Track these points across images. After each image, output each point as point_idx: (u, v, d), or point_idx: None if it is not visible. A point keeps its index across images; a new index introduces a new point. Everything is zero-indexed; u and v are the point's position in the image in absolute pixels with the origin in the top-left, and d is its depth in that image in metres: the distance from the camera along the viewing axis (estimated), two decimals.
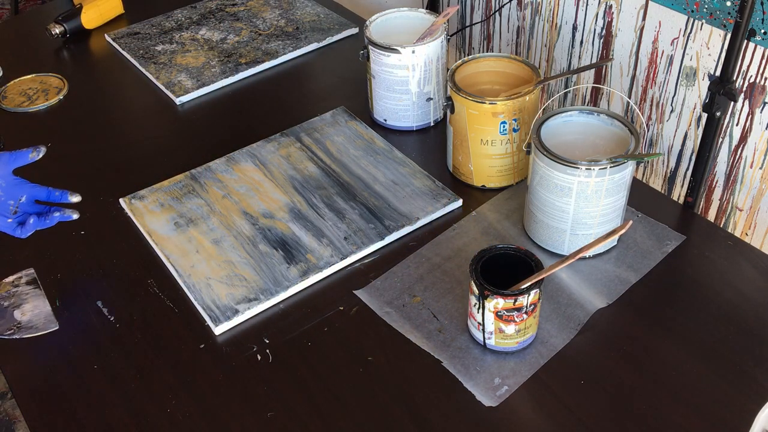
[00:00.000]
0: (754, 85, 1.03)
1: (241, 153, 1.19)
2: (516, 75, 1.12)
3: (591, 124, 1.01)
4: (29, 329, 0.86)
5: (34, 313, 0.87)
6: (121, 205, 1.12)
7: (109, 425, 0.84)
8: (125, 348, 0.92)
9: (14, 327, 0.85)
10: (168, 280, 1.00)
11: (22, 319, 0.86)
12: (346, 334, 0.92)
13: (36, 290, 0.89)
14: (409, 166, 1.15)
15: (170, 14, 1.58)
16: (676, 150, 1.19)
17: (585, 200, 0.94)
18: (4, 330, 0.84)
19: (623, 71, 1.22)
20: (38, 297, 0.88)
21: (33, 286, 0.89)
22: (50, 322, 0.87)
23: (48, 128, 1.31)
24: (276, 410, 0.85)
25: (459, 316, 0.94)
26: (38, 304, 0.88)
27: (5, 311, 0.86)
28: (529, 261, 0.86)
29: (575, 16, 1.25)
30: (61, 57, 1.50)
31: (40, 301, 0.88)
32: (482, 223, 1.07)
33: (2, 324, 0.85)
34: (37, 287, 0.89)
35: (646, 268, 0.98)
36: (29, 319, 0.87)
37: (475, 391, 0.85)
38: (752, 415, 0.74)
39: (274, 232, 1.05)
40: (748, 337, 0.89)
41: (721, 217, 1.17)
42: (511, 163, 1.10)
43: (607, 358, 0.88)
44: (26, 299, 0.88)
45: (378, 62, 1.18)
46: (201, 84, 1.37)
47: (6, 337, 0.84)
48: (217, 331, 0.93)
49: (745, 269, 0.98)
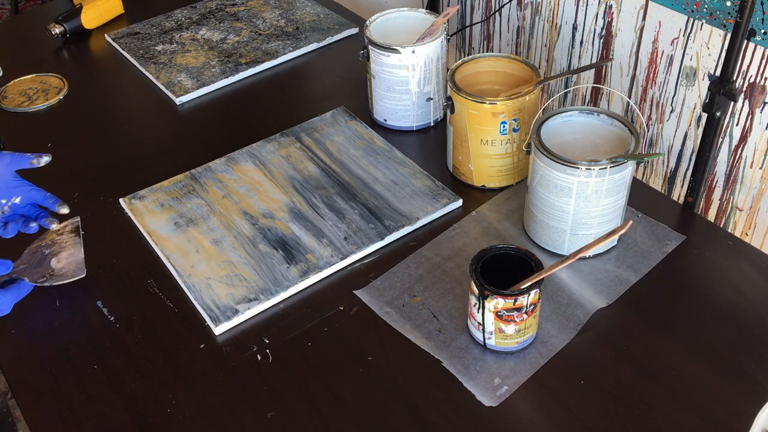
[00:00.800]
0: (754, 85, 1.03)
1: (241, 153, 1.19)
2: (516, 75, 1.12)
3: (591, 124, 1.01)
4: (60, 276, 0.86)
5: (68, 260, 0.87)
6: (121, 205, 1.12)
7: (109, 425, 0.84)
8: (125, 348, 0.92)
9: (47, 274, 0.85)
10: (168, 280, 1.00)
11: (56, 266, 0.87)
12: (346, 334, 0.92)
13: (76, 238, 0.89)
14: (409, 166, 1.15)
15: (170, 14, 1.58)
16: (676, 150, 1.19)
17: (585, 200, 0.94)
18: (38, 277, 0.85)
19: (623, 71, 1.22)
20: (76, 244, 0.89)
21: (74, 234, 0.90)
22: (80, 270, 0.87)
23: (48, 128, 1.31)
24: (276, 410, 0.85)
25: (459, 316, 0.94)
26: (73, 252, 0.88)
27: (44, 259, 0.87)
28: (529, 261, 0.86)
29: (575, 16, 1.25)
30: (61, 57, 1.50)
31: (76, 249, 0.88)
32: (482, 223, 1.07)
33: (38, 272, 0.85)
34: (77, 235, 0.89)
35: (646, 268, 0.98)
36: (62, 266, 0.87)
37: (475, 391, 0.85)
38: (752, 415, 0.74)
39: (274, 232, 1.05)
40: (748, 337, 0.89)
41: (721, 217, 1.17)
42: (511, 163, 1.10)
43: (607, 358, 0.88)
44: (65, 247, 0.89)
45: (378, 62, 1.18)
46: (201, 84, 1.37)
47: (39, 284, 0.84)
48: (217, 331, 0.93)
49: (745, 269, 0.98)
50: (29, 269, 0.85)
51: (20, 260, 0.86)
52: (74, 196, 1.15)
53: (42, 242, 0.88)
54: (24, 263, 0.86)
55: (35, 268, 0.86)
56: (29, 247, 0.88)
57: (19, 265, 0.85)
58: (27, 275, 0.84)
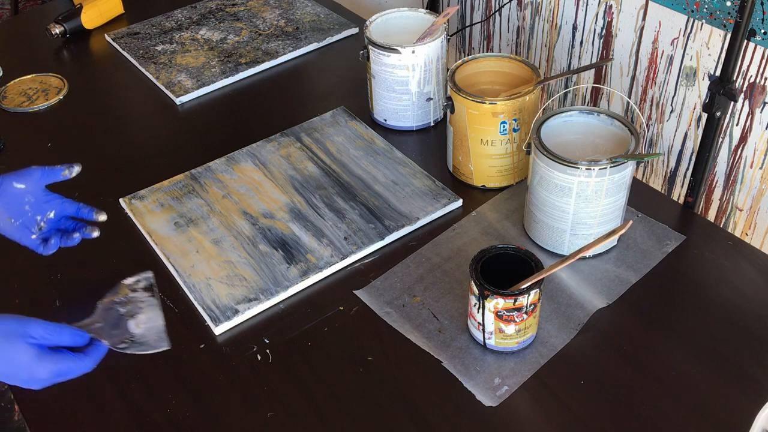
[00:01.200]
0: (754, 85, 1.03)
1: (241, 153, 1.19)
2: (516, 75, 1.12)
3: (591, 124, 1.01)
4: (141, 345, 0.79)
5: (148, 326, 0.80)
6: (121, 205, 1.12)
7: (109, 425, 0.84)
8: None
9: (128, 340, 0.78)
10: (168, 280, 1.00)
11: (136, 331, 0.79)
12: (346, 334, 0.92)
13: (152, 298, 0.82)
14: (409, 166, 1.15)
15: (170, 14, 1.58)
16: (676, 150, 1.19)
17: (585, 200, 0.94)
18: (118, 342, 0.77)
19: (623, 71, 1.22)
20: (153, 307, 0.81)
21: (149, 293, 0.82)
22: (161, 341, 0.79)
23: (48, 128, 1.31)
24: (276, 410, 0.85)
25: (459, 316, 0.94)
26: (152, 316, 0.80)
27: (121, 319, 0.79)
28: (529, 261, 0.86)
29: (575, 16, 1.25)
30: (61, 57, 1.50)
31: (154, 313, 0.81)
32: (482, 223, 1.07)
33: (116, 335, 0.78)
34: (152, 295, 0.82)
35: (646, 268, 0.98)
36: (143, 333, 0.79)
37: (475, 391, 0.85)
38: (752, 415, 0.74)
39: (274, 232, 1.05)
40: (748, 337, 0.89)
41: (721, 217, 1.17)
42: (511, 163, 1.10)
43: (607, 358, 0.88)
44: (142, 308, 0.81)
45: (378, 62, 1.18)
46: (201, 84, 1.37)
47: (118, 350, 0.77)
48: (217, 331, 0.93)
49: (745, 269, 0.98)
50: (106, 330, 0.78)
51: (94, 317, 0.78)
52: (74, 196, 1.14)
53: (115, 297, 0.80)
54: (99, 321, 0.78)
55: (113, 329, 0.78)
56: (101, 302, 0.80)
57: (94, 323, 0.78)
58: (105, 337, 0.77)
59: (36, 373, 0.73)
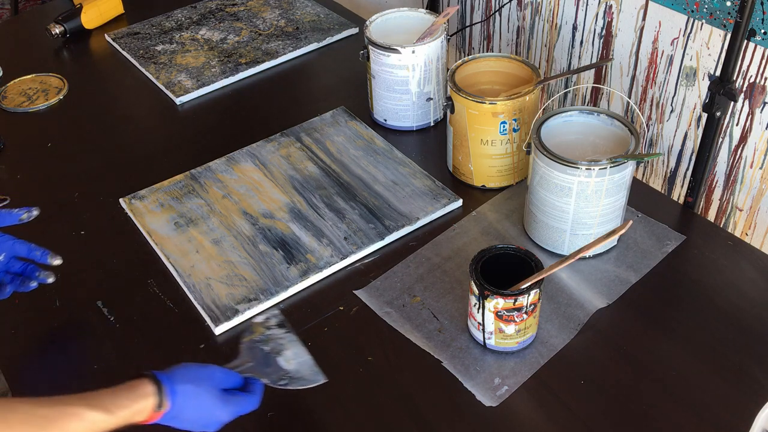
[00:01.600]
0: (754, 85, 1.03)
1: (241, 153, 1.19)
2: (516, 75, 1.12)
3: (591, 124, 1.01)
4: (299, 380, 0.80)
5: (298, 361, 0.82)
6: (121, 205, 1.12)
7: None
8: (125, 348, 0.92)
9: (285, 377, 0.80)
10: (168, 280, 1.00)
11: (289, 367, 0.81)
12: (346, 334, 0.92)
13: (289, 334, 0.84)
14: (409, 166, 1.15)
15: (170, 14, 1.58)
16: (676, 150, 1.19)
17: (585, 200, 0.94)
18: (276, 379, 0.80)
19: (623, 71, 1.22)
20: (295, 343, 0.84)
21: (284, 329, 0.85)
22: (317, 374, 0.81)
23: (48, 128, 1.31)
24: (276, 410, 0.85)
25: (459, 316, 0.93)
26: (298, 352, 0.83)
27: (268, 357, 0.81)
28: (529, 261, 0.86)
29: (575, 16, 1.25)
30: (61, 57, 1.50)
31: (298, 348, 0.83)
32: (482, 223, 1.07)
33: (271, 372, 0.80)
34: (288, 331, 0.85)
35: (646, 268, 0.98)
36: (296, 369, 0.81)
37: (475, 391, 0.85)
38: (752, 415, 0.74)
39: (274, 232, 1.05)
40: (748, 337, 0.89)
41: (721, 217, 1.17)
42: (511, 163, 1.10)
43: (607, 358, 0.88)
44: (283, 344, 0.83)
45: (378, 62, 1.18)
46: (201, 84, 1.37)
47: (279, 386, 0.79)
48: (217, 331, 0.93)
49: (745, 269, 0.98)
50: (258, 368, 0.80)
51: (243, 358, 0.81)
52: (74, 196, 1.15)
53: (254, 336, 0.83)
54: (249, 361, 0.80)
55: (265, 367, 0.80)
56: (243, 342, 0.82)
57: (245, 363, 0.80)
58: (261, 376, 0.79)
59: (219, 416, 0.74)
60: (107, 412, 0.66)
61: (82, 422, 0.64)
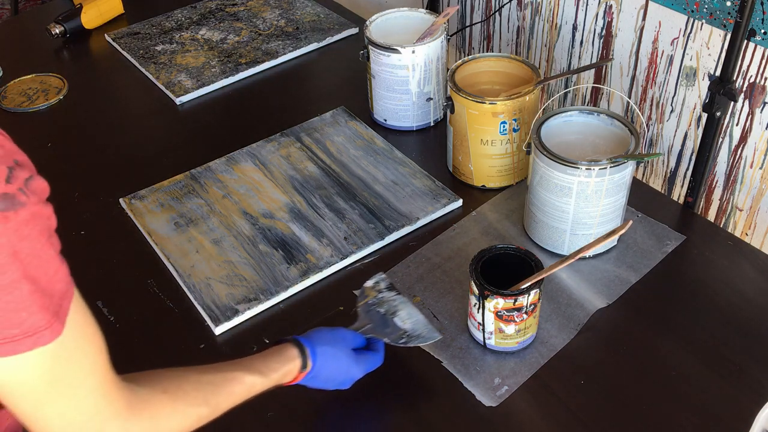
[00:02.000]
0: (754, 85, 1.03)
1: (241, 153, 1.19)
2: (516, 75, 1.12)
3: (591, 124, 1.01)
4: (418, 338, 0.84)
5: (413, 320, 0.86)
6: (121, 205, 1.12)
7: None
8: (125, 348, 0.92)
9: (404, 335, 0.84)
10: (168, 280, 1.00)
11: (406, 327, 0.85)
12: None
13: (400, 296, 0.88)
14: (409, 166, 1.15)
15: (170, 14, 1.58)
16: (676, 150, 1.19)
17: (585, 200, 0.94)
18: (397, 339, 0.84)
19: (623, 71, 1.22)
20: (406, 304, 0.87)
21: (394, 292, 0.88)
22: (432, 331, 0.85)
23: (48, 128, 1.31)
24: (276, 410, 0.85)
25: (459, 316, 0.93)
26: (411, 312, 0.87)
27: (385, 318, 0.85)
28: (529, 261, 0.86)
29: (575, 16, 1.25)
30: (61, 57, 1.50)
31: (411, 309, 0.87)
32: (482, 223, 1.07)
33: (390, 332, 0.84)
34: (399, 293, 0.88)
35: (646, 268, 0.98)
36: (413, 328, 0.85)
37: (475, 391, 0.85)
38: (752, 415, 0.74)
39: (274, 232, 1.05)
40: (748, 337, 0.89)
41: (721, 217, 1.17)
42: (511, 163, 1.10)
43: (607, 358, 0.88)
44: (397, 306, 0.87)
45: (378, 62, 1.18)
46: (201, 84, 1.37)
47: (400, 344, 0.83)
48: (217, 331, 0.93)
49: (745, 269, 0.98)
50: (378, 329, 0.84)
51: (362, 320, 0.85)
52: (74, 196, 1.15)
53: (368, 299, 0.87)
54: (368, 323, 0.84)
55: (384, 328, 0.84)
56: (359, 306, 0.86)
57: (364, 325, 0.84)
58: (382, 336, 0.84)
59: (353, 374, 0.80)
60: (262, 375, 0.73)
61: (243, 385, 0.71)
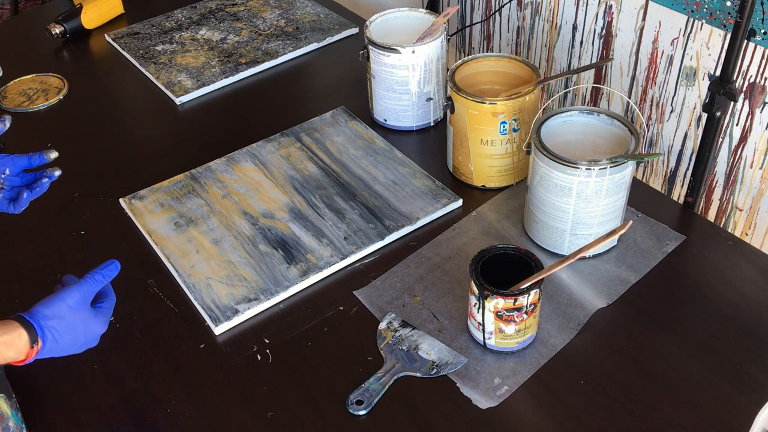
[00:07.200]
0: (754, 85, 1.03)
1: (241, 153, 1.19)
2: (516, 75, 1.12)
3: (591, 124, 1.01)
4: (446, 366, 0.87)
5: (436, 350, 0.89)
6: (121, 205, 1.12)
7: (109, 425, 0.84)
8: (125, 348, 0.92)
9: (434, 366, 0.87)
10: (168, 280, 1.00)
11: (431, 358, 0.88)
12: (346, 334, 0.92)
13: (416, 331, 0.91)
14: (409, 166, 1.15)
15: (170, 14, 1.58)
16: (676, 150, 1.19)
17: (585, 200, 0.94)
18: (428, 370, 0.86)
19: (623, 71, 1.22)
20: (425, 336, 0.90)
21: (408, 328, 0.91)
22: (457, 356, 0.88)
23: (48, 128, 1.31)
24: (276, 410, 0.85)
25: (459, 316, 0.93)
26: (431, 343, 0.89)
27: (410, 354, 0.88)
28: (529, 261, 0.86)
29: (575, 16, 1.25)
30: (61, 57, 1.50)
31: (430, 340, 0.90)
32: (482, 223, 1.07)
33: (420, 366, 0.87)
34: (414, 328, 0.91)
35: (646, 268, 0.98)
36: (438, 357, 0.88)
37: (475, 391, 0.85)
38: (752, 415, 0.74)
39: (274, 232, 1.05)
40: (748, 337, 0.89)
41: (721, 217, 1.17)
42: (511, 163, 1.10)
43: (607, 358, 0.88)
44: (416, 340, 0.90)
45: (378, 62, 1.18)
46: (201, 84, 1.37)
47: (432, 376, 0.86)
48: (217, 331, 0.93)
49: (745, 269, 0.98)
50: (408, 366, 0.87)
51: (389, 363, 0.87)
52: (74, 196, 1.15)
53: (387, 341, 0.90)
54: (395, 363, 0.87)
55: (413, 363, 0.87)
56: (381, 348, 0.89)
57: (393, 366, 0.87)
58: (413, 371, 0.86)
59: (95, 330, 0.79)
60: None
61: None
